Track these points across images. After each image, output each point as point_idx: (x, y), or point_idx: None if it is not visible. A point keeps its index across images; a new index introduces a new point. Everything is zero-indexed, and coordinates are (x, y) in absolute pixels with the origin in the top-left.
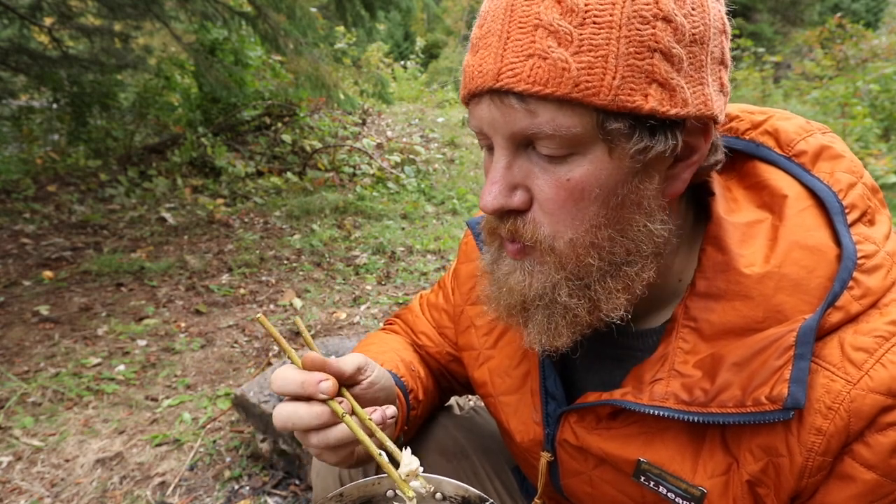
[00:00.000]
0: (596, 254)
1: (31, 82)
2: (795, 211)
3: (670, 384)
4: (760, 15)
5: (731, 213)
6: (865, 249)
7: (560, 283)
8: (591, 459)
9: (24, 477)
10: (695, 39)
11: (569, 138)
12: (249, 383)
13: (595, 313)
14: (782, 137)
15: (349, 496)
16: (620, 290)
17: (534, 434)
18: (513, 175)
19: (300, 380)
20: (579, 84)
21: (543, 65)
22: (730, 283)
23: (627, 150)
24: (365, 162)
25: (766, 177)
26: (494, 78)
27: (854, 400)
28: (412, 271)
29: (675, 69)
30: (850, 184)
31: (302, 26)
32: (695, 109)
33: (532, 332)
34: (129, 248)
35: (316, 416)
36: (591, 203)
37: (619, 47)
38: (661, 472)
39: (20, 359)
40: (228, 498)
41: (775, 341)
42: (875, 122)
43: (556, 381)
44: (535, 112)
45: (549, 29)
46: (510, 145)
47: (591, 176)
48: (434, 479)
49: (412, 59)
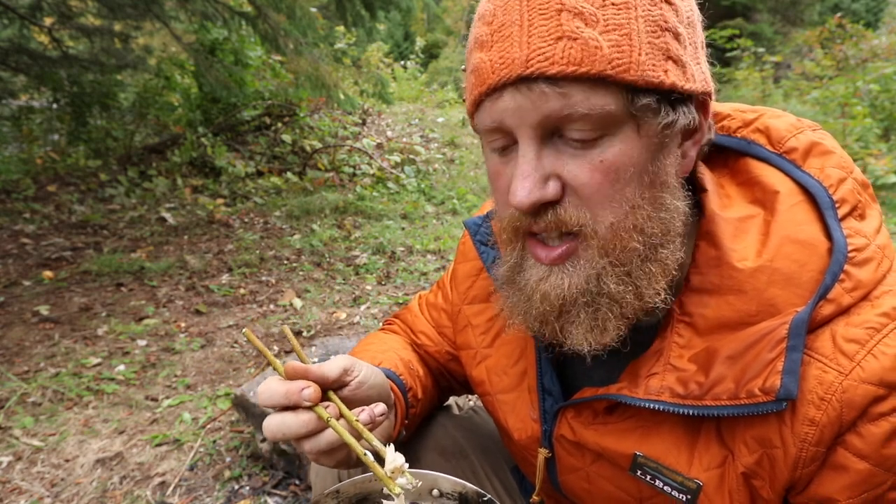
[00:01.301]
0: (638, 236)
1: (31, 82)
2: (787, 206)
3: (665, 378)
4: (760, 15)
5: (724, 208)
6: (856, 243)
7: (606, 271)
8: (588, 455)
9: (24, 477)
10: (690, 22)
11: (602, 117)
12: (249, 383)
13: (639, 301)
14: (773, 135)
15: (345, 493)
16: (659, 273)
17: (531, 431)
18: (543, 166)
19: (283, 390)
20: (612, 61)
21: (575, 45)
22: (723, 278)
23: (655, 126)
24: (365, 162)
25: (757, 173)
26: (523, 65)
27: (846, 390)
28: (412, 271)
29: (682, 47)
30: (840, 179)
31: (302, 26)
32: (700, 85)
33: (576, 333)
34: (129, 248)
35: (304, 424)
36: (627, 183)
37: (639, 26)
38: (657, 466)
39: (20, 359)
40: (228, 498)
41: (768, 334)
42: (875, 122)
43: (553, 377)
44: (567, 93)
45: (573, 11)
46: (537, 135)
47: (624, 155)
48: (430, 476)
49: (412, 59)
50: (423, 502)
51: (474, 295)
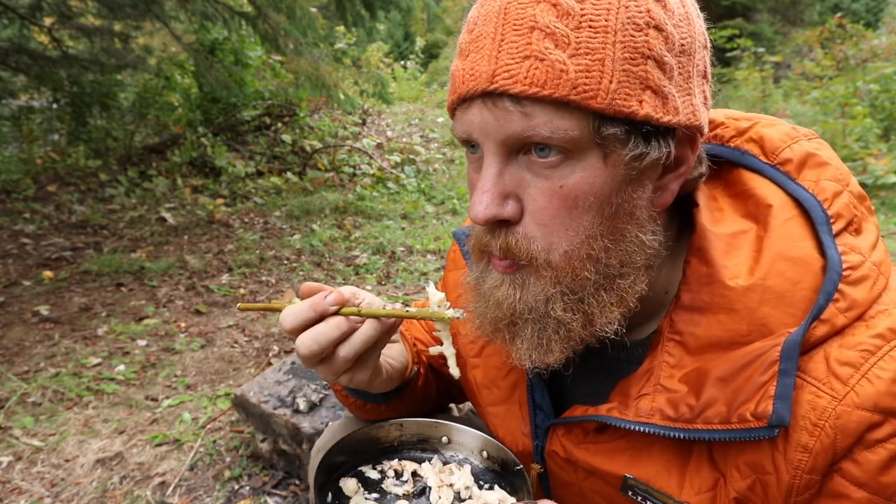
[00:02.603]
0: (592, 266)
1: (31, 82)
2: (780, 221)
3: (656, 399)
4: (760, 15)
5: (716, 223)
6: (851, 260)
7: (555, 297)
8: (580, 471)
9: (24, 477)
10: (683, 50)
11: (565, 141)
12: (249, 383)
13: (589, 328)
14: (767, 145)
15: (408, 429)
16: (615, 303)
17: (523, 446)
18: (504, 183)
19: (307, 303)
20: (577, 86)
21: (541, 66)
22: (714, 296)
23: (622, 157)
24: (365, 162)
25: (750, 185)
26: (488, 80)
27: (840, 416)
28: (412, 271)
29: (666, 77)
30: (835, 192)
31: (302, 26)
32: (685, 118)
33: (521, 347)
34: (129, 248)
35: (336, 327)
36: (586, 212)
37: (615, 52)
38: (647, 489)
39: (20, 359)
40: (228, 498)
41: (760, 356)
42: (875, 122)
43: (544, 392)
44: (530, 114)
45: (545, 31)
46: (502, 151)
47: (586, 183)
48: (483, 438)
49: (412, 59)
50: (474, 460)
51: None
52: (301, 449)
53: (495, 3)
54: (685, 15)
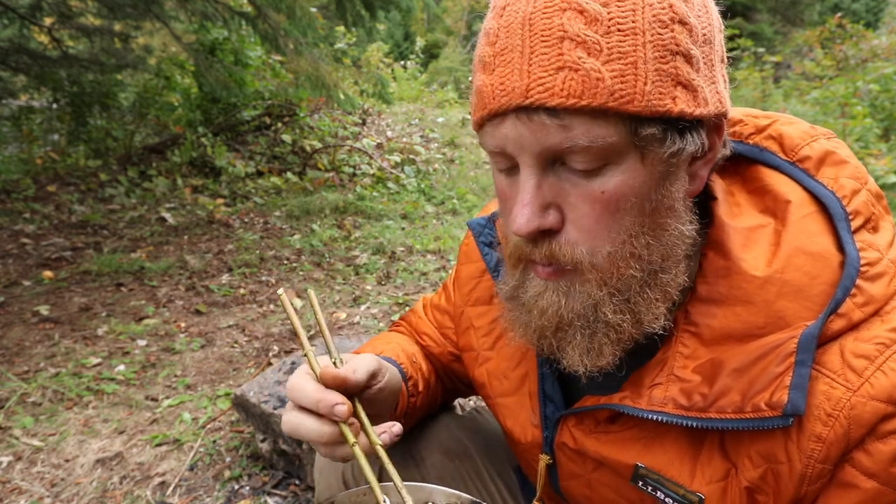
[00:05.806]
0: (636, 264)
1: (31, 82)
2: (798, 216)
3: (669, 389)
4: (760, 15)
5: (734, 217)
6: (869, 257)
7: (603, 301)
8: (589, 462)
9: (24, 477)
10: (706, 40)
11: (604, 148)
12: (249, 383)
13: (638, 326)
14: (786, 142)
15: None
16: (660, 298)
17: (532, 437)
18: (543, 195)
19: (316, 398)
20: (614, 93)
21: (576, 76)
22: (731, 288)
23: (661, 155)
24: (365, 162)
25: (769, 181)
26: (523, 95)
27: (854, 407)
28: (412, 271)
29: (694, 70)
30: (854, 190)
31: (302, 26)
32: (714, 108)
33: (572, 354)
34: (129, 248)
35: (325, 434)
36: (627, 213)
37: (646, 53)
38: (658, 478)
39: (20, 359)
40: (228, 498)
41: (776, 347)
42: (875, 122)
43: (555, 383)
44: (568, 126)
45: (576, 40)
46: (538, 163)
47: (626, 185)
48: (426, 489)
49: (412, 59)
50: None
51: (477, 297)
52: (301, 449)
53: (517, 14)
54: (703, 3)
